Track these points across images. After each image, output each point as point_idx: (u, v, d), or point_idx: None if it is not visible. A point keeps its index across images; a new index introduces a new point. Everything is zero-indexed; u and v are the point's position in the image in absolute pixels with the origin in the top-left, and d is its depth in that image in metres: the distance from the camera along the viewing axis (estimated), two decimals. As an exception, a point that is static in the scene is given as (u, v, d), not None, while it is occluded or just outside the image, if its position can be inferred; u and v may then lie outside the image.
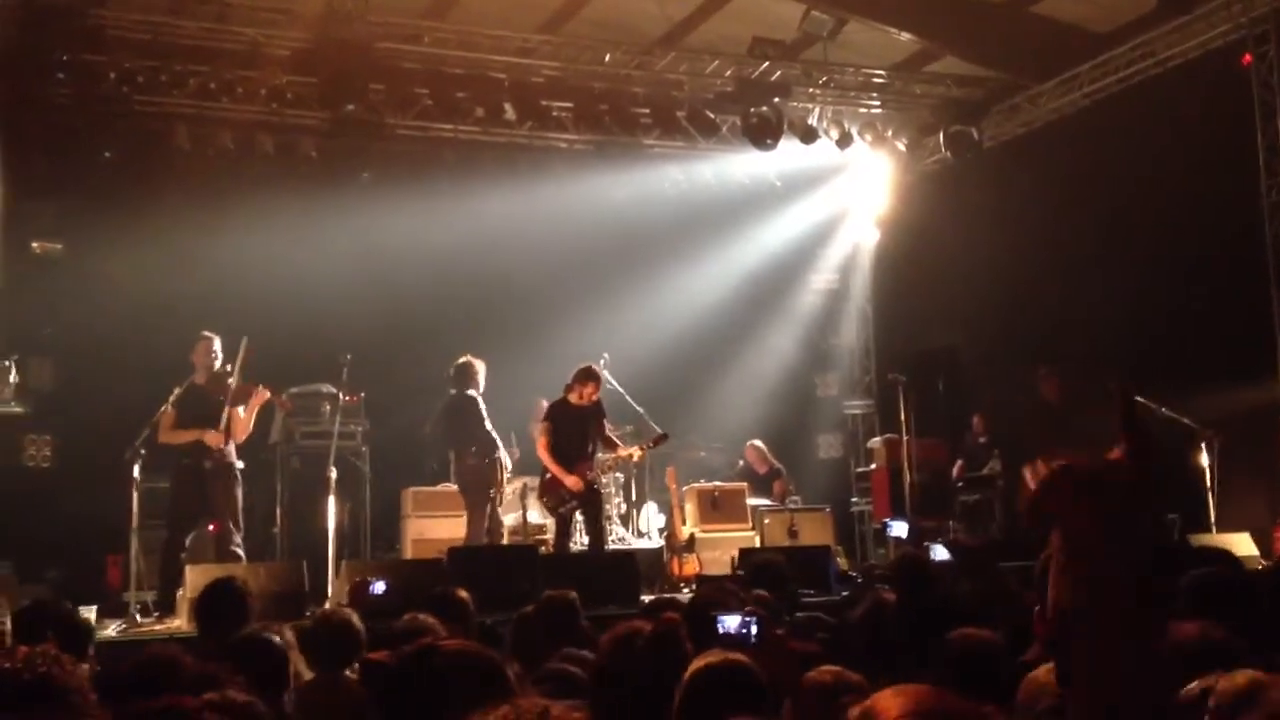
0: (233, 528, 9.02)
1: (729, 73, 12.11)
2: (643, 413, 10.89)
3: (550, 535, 10.29)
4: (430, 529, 10.73)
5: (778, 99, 12.04)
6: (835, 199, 14.25)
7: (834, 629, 5.26)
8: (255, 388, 9.22)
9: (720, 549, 10.34)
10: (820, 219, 14.24)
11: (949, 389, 12.61)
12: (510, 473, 10.50)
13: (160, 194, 11.01)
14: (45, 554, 9.93)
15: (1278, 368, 9.84)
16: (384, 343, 11.45)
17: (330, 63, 10.54)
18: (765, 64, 11.86)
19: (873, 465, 13.16)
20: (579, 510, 9.80)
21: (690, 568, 10.34)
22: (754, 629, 3.24)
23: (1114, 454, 10.35)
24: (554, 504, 9.74)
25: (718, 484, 11.67)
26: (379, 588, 7.23)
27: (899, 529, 10.21)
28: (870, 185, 14.19)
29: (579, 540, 10.25)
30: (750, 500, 11.55)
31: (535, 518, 10.83)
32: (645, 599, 8.02)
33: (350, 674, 4.30)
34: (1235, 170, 10.35)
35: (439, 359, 10.88)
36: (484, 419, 10.11)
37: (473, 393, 10.15)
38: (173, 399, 8.88)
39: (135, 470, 8.47)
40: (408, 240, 11.48)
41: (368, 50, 10.59)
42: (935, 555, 8.58)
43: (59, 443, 10.90)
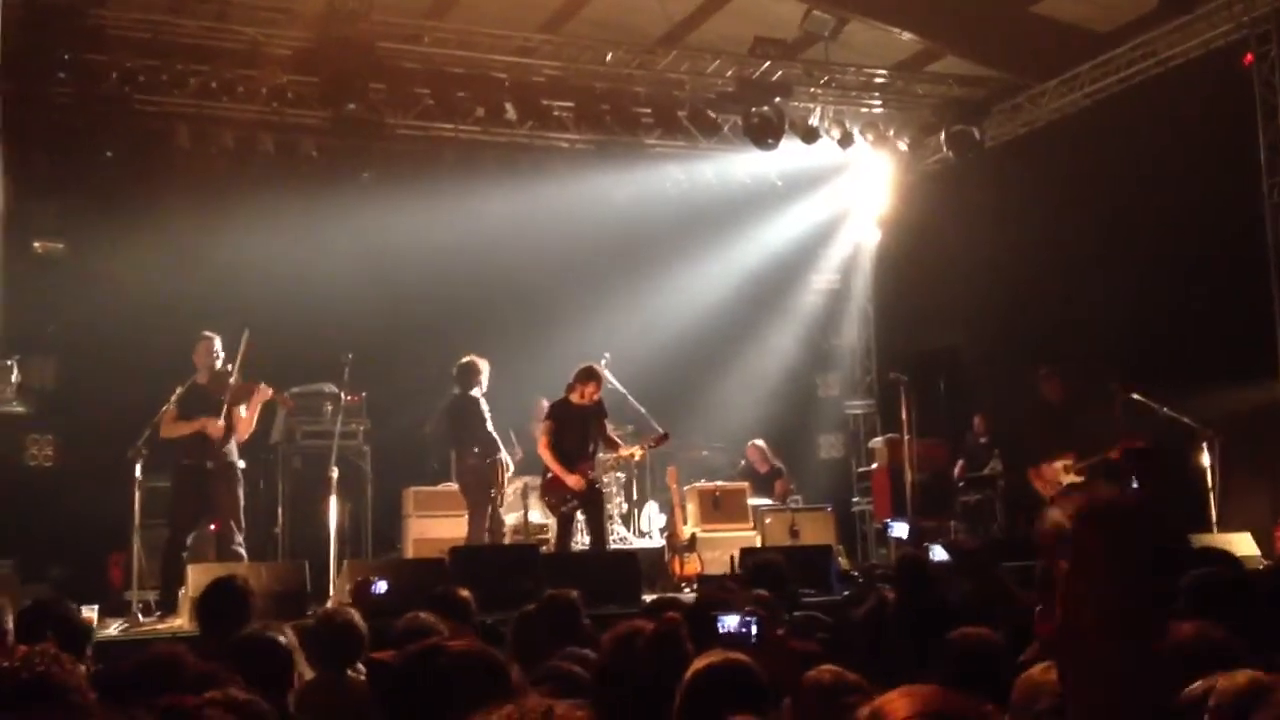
0: (234, 527, 9.05)
1: (730, 72, 12.10)
2: (644, 412, 10.88)
3: (552, 535, 10.29)
4: (431, 528, 10.74)
5: (779, 98, 12.03)
6: (836, 199, 14.23)
7: (834, 628, 5.27)
8: (256, 386, 9.24)
9: (721, 549, 10.33)
10: (821, 219, 14.22)
11: (950, 389, 12.61)
12: (512, 473, 10.51)
13: (161, 193, 11.01)
14: (47, 553, 9.94)
15: (1278, 368, 9.83)
16: (385, 342, 11.47)
17: (331, 62, 10.55)
18: (766, 63, 11.86)
19: (874, 465, 13.15)
20: (580, 510, 9.81)
21: (691, 567, 10.35)
22: (754, 628, 3.25)
23: (1114, 454, 10.32)
24: (555, 503, 9.74)
25: (719, 484, 11.67)
26: (381, 587, 7.22)
27: (899, 530, 10.20)
28: (871, 185, 14.17)
29: (580, 540, 10.26)
30: (751, 500, 11.56)
31: (537, 517, 10.84)
32: (647, 598, 8.02)
33: (352, 673, 4.30)
34: (1236, 170, 10.34)
35: (440, 358, 10.90)
36: (486, 419, 10.11)
37: (475, 393, 10.16)
38: (174, 398, 8.92)
39: (137, 470, 8.52)
40: (409, 240, 11.48)
41: (368, 49, 10.59)
42: (934, 556, 8.57)
43: (61, 442, 10.91)
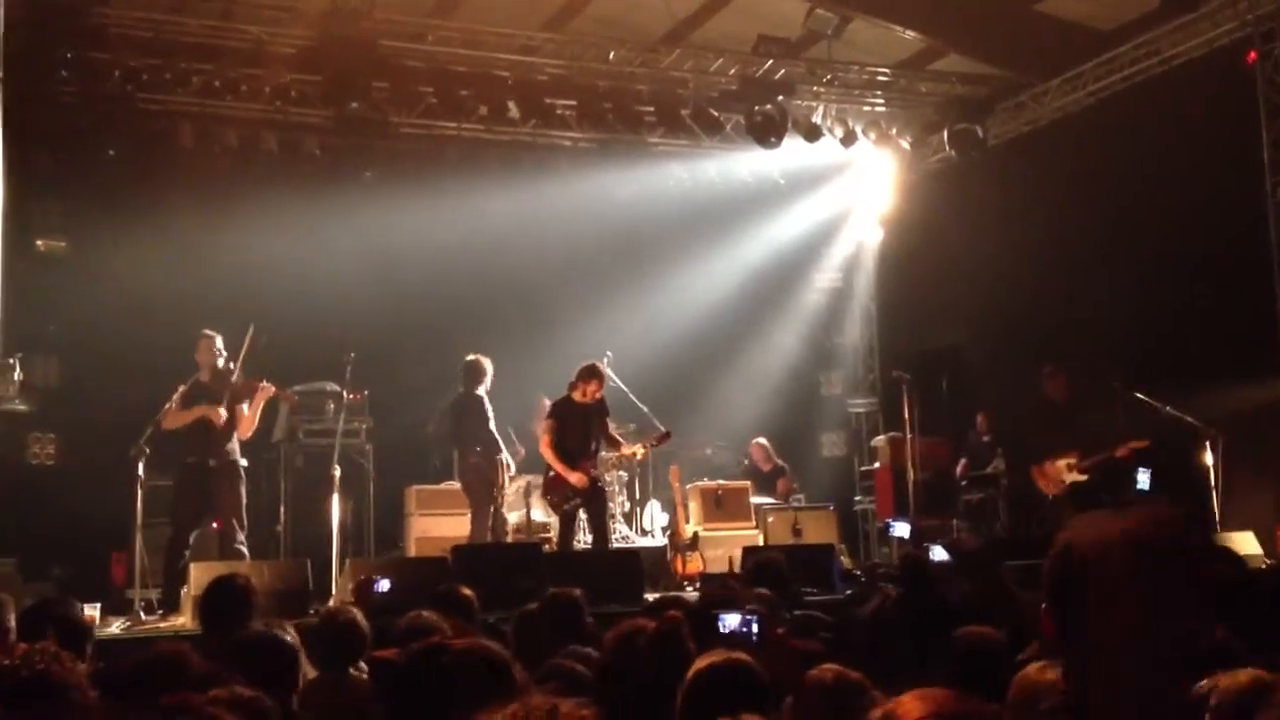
0: (236, 525, 9.05)
1: (733, 71, 12.08)
2: (646, 411, 10.87)
3: (554, 533, 10.29)
4: (434, 527, 10.75)
5: (782, 97, 12.02)
6: (839, 197, 14.23)
7: (836, 627, 5.27)
8: (258, 384, 9.24)
9: (724, 547, 10.34)
10: (824, 217, 14.22)
11: (953, 387, 12.60)
12: (514, 471, 10.51)
13: (164, 192, 11.02)
14: (50, 551, 9.93)
15: (1281, 366, 9.83)
16: (388, 341, 11.48)
17: (334, 61, 10.55)
18: (769, 62, 11.85)
19: (876, 464, 13.14)
20: (583, 508, 9.81)
21: (694, 566, 10.34)
22: (755, 627, 3.25)
23: (1121, 452, 10.28)
24: (558, 501, 9.74)
25: (721, 482, 11.67)
26: (383, 586, 7.24)
27: (900, 529, 10.19)
28: (874, 183, 14.15)
29: (583, 538, 10.26)
30: (754, 498, 11.55)
31: (539, 516, 10.83)
32: (649, 597, 8.03)
33: (355, 672, 4.30)
34: (1240, 168, 10.32)
35: (443, 357, 10.91)
36: (489, 419, 10.12)
37: (479, 392, 10.17)
38: (177, 396, 8.92)
39: (140, 468, 8.52)
40: (411, 238, 11.48)
41: (372, 48, 10.59)
42: (934, 556, 8.56)
43: (63, 440, 10.91)
